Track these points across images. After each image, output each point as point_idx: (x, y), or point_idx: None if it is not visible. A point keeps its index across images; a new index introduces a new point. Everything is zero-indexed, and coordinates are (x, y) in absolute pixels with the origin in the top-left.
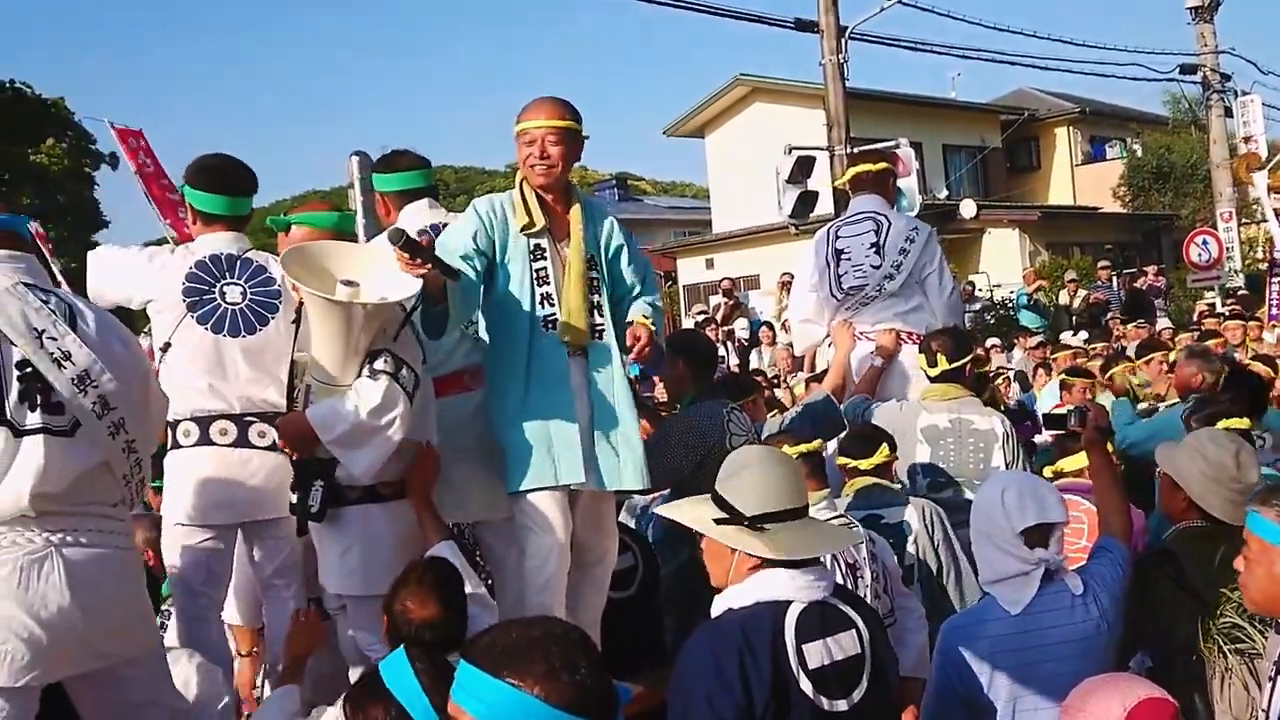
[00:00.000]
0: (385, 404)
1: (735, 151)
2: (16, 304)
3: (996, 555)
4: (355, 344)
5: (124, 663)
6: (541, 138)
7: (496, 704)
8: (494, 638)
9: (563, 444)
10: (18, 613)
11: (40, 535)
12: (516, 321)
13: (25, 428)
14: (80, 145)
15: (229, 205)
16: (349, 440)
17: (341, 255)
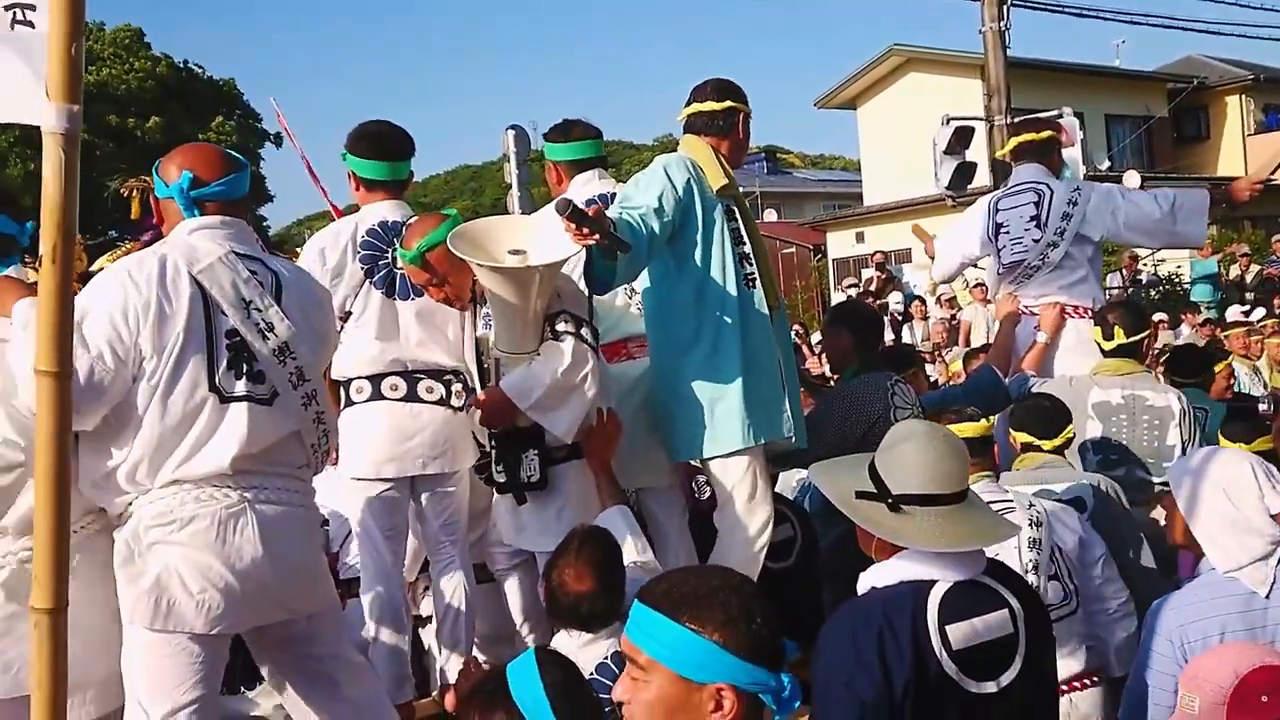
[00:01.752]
0: (575, 361)
1: (888, 123)
2: (228, 274)
3: (1242, 535)
4: (533, 309)
5: (306, 617)
6: (743, 119)
7: (675, 646)
8: (673, 583)
9: (776, 400)
10: (215, 563)
11: (236, 491)
12: (725, 281)
13: (231, 394)
14: (247, 124)
15: (389, 170)
16: (547, 403)
17: (502, 229)
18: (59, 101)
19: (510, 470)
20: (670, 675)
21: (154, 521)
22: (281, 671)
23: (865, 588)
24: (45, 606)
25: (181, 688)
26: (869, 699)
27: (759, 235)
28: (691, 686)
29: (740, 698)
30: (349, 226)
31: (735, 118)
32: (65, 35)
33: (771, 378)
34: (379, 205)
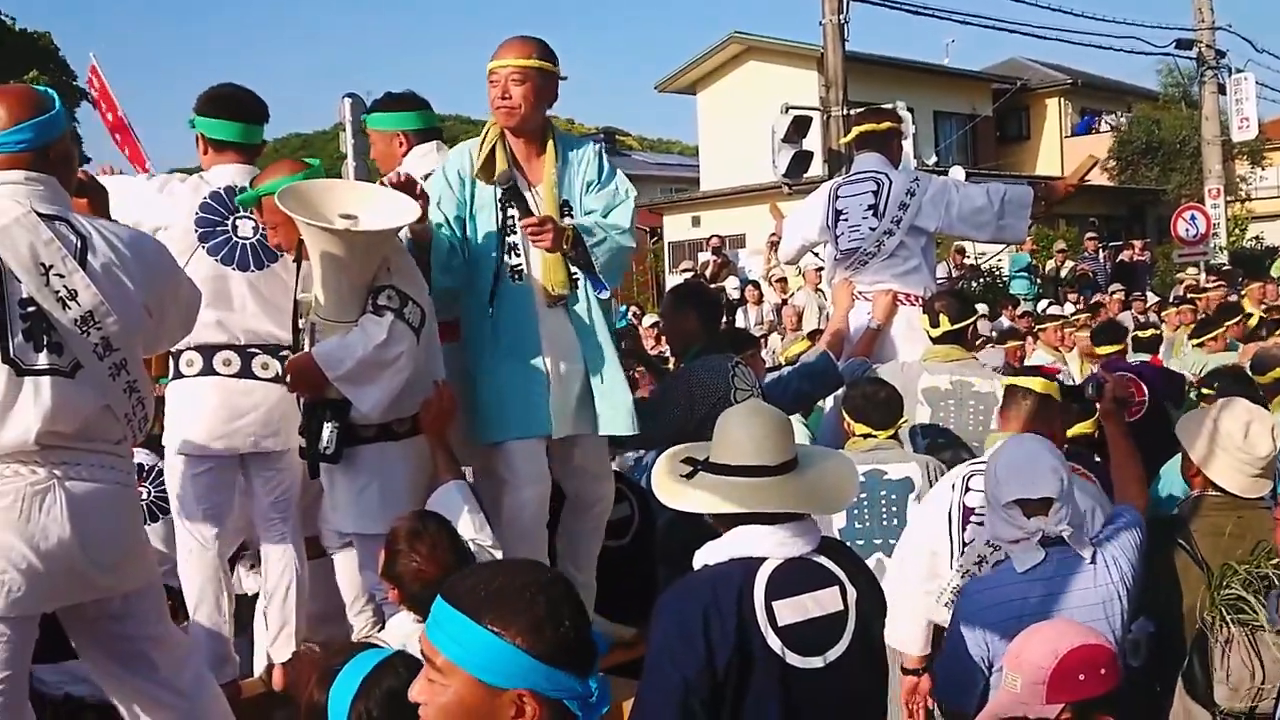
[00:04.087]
0: (391, 339)
1: (727, 109)
2: (26, 236)
3: (998, 521)
4: (357, 279)
5: (121, 596)
6: (505, 78)
7: (475, 649)
8: (478, 581)
9: (534, 395)
10: (17, 543)
11: (44, 468)
12: (484, 271)
13: (30, 367)
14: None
15: (240, 132)
16: (356, 377)
17: (338, 191)
18: None
19: (310, 440)
20: (469, 679)
21: None
22: (95, 652)
23: (699, 564)
24: None
25: None
26: (690, 675)
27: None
28: (492, 691)
29: (543, 704)
30: (191, 185)
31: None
32: None
33: (532, 372)
34: (226, 168)
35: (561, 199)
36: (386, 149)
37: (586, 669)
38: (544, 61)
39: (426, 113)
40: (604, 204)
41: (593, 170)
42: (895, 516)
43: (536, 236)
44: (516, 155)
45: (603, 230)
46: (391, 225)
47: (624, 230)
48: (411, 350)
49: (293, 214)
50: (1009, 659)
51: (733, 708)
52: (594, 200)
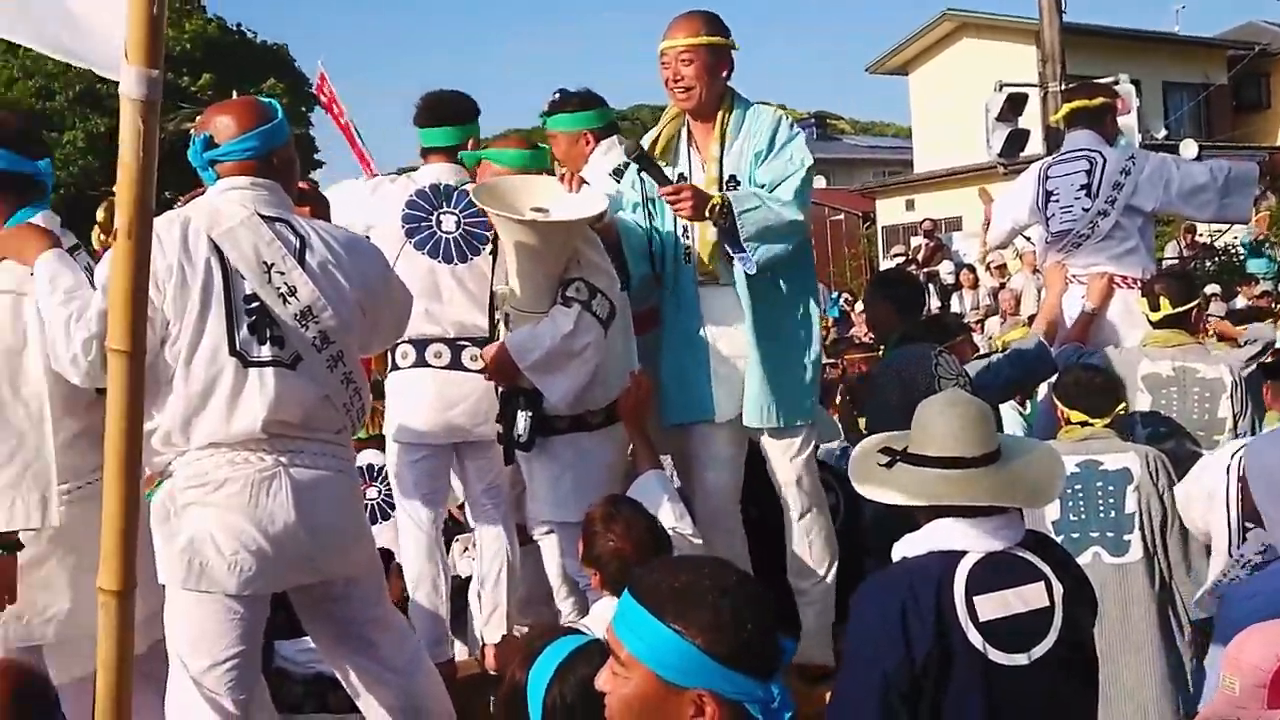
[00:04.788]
0: (578, 330)
1: (940, 89)
2: (250, 237)
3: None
4: (548, 270)
5: (343, 579)
6: (674, 59)
7: (656, 645)
8: (664, 576)
9: (696, 378)
10: (247, 526)
11: (270, 456)
12: (665, 254)
13: (254, 359)
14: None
15: (444, 135)
16: (544, 366)
17: (530, 187)
18: (138, 65)
19: (506, 426)
20: (650, 674)
21: (188, 483)
22: (318, 629)
23: (897, 557)
24: (113, 588)
25: (220, 644)
26: (889, 669)
27: None
28: (671, 688)
29: (723, 705)
30: (401, 184)
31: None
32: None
33: (694, 355)
34: (433, 167)
35: (727, 174)
36: (572, 149)
37: (769, 673)
38: (712, 37)
39: (604, 109)
40: (773, 176)
41: (764, 139)
42: (1113, 509)
43: (675, 204)
44: (694, 134)
45: (758, 199)
46: (579, 217)
47: (786, 202)
48: (598, 342)
49: (486, 207)
50: (1226, 661)
51: (932, 703)
52: (764, 173)
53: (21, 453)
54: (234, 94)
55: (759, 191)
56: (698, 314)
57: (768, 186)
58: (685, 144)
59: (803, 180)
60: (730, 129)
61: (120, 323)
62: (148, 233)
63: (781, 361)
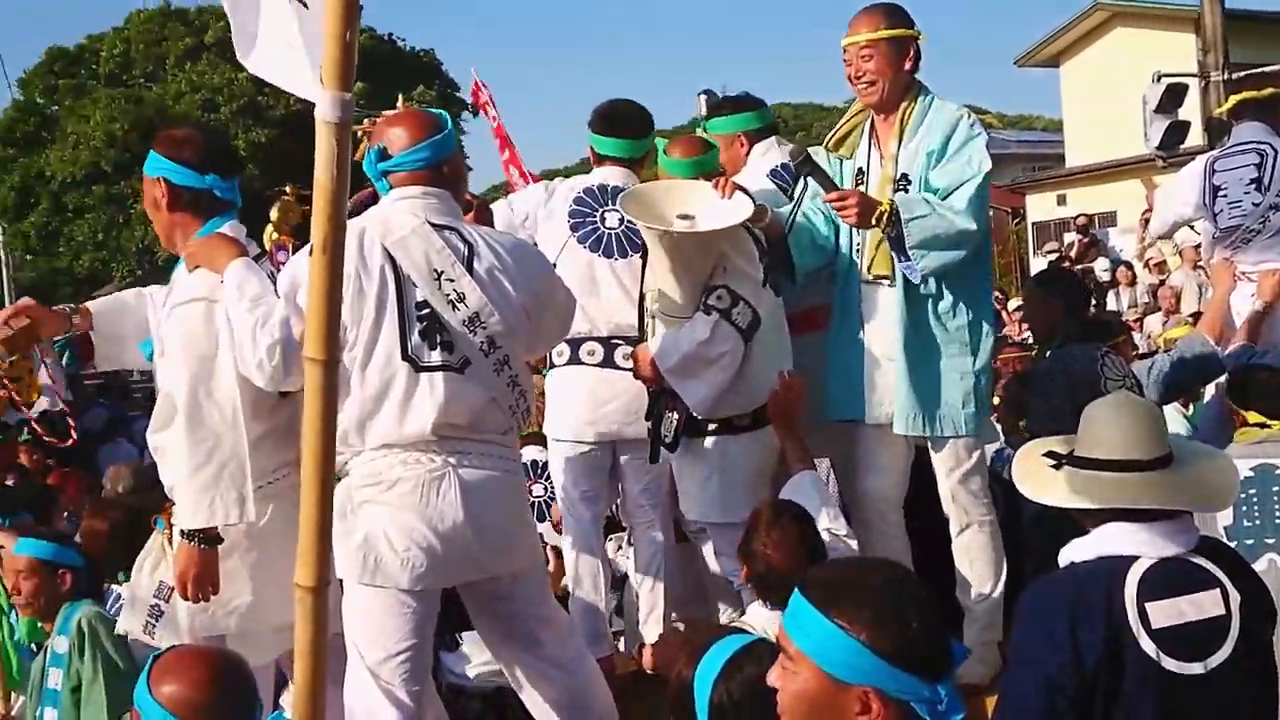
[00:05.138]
0: (714, 338)
1: (1092, 81)
2: (421, 245)
3: None
4: (692, 276)
5: (510, 577)
6: (855, 55)
7: (822, 641)
8: (832, 573)
9: (851, 377)
10: (418, 524)
11: (440, 457)
12: (840, 251)
13: (425, 364)
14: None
15: (620, 147)
16: (681, 371)
17: (679, 192)
18: (332, 89)
19: (654, 426)
20: (817, 670)
21: (363, 482)
22: (486, 624)
23: (1065, 562)
24: (309, 584)
25: (394, 637)
26: (1056, 677)
27: (881, 196)
28: (838, 685)
29: (888, 704)
30: (569, 183)
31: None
32: (341, 21)
33: (851, 354)
34: (604, 169)
35: (899, 173)
36: (729, 152)
37: (936, 673)
38: (893, 30)
39: (762, 111)
40: (949, 181)
41: (937, 138)
42: None
43: (841, 211)
44: (877, 129)
45: (928, 206)
46: (723, 225)
47: (959, 210)
48: (736, 351)
49: (633, 218)
50: None
51: (1103, 711)
52: (940, 176)
53: (218, 453)
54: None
55: (930, 198)
56: (860, 313)
57: (941, 191)
58: (867, 139)
59: (979, 187)
60: (910, 126)
61: (316, 332)
62: (341, 247)
63: (934, 369)
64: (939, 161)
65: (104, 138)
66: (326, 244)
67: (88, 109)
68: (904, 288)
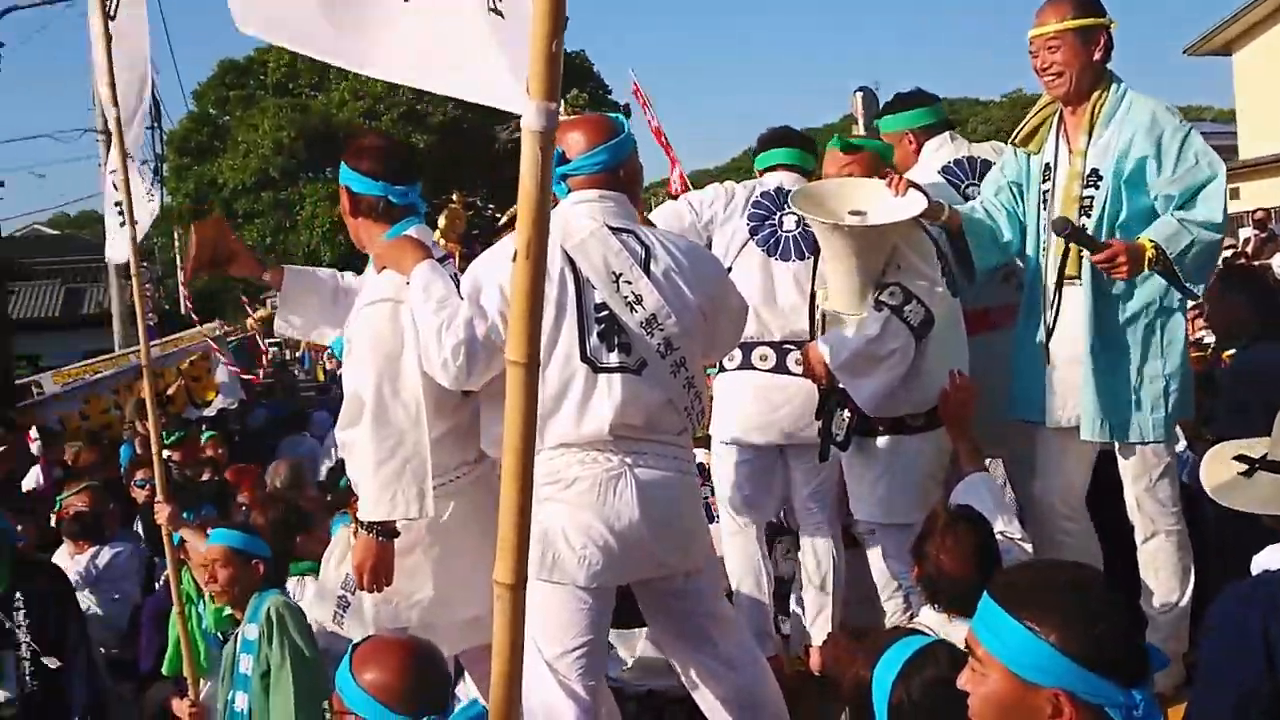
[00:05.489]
0: (884, 335)
1: (1269, 68)
2: (599, 248)
3: None
4: (864, 273)
5: (683, 575)
6: (1041, 47)
7: (1011, 643)
8: (1020, 575)
9: (1031, 377)
10: (596, 523)
11: (616, 456)
12: (1029, 248)
13: (604, 365)
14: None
15: (789, 155)
16: (851, 368)
17: (850, 190)
18: (538, 99)
19: (825, 424)
20: (1006, 673)
21: (542, 480)
22: (659, 623)
23: (1257, 569)
24: (508, 582)
25: (570, 633)
26: (1249, 686)
27: (1067, 192)
28: (1028, 687)
29: (1080, 708)
30: (745, 187)
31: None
32: (547, 33)
33: (1032, 354)
34: (778, 174)
35: (1088, 168)
36: (900, 150)
37: (1131, 678)
38: (1081, 19)
39: (933, 107)
40: (1184, 188)
41: (1137, 137)
42: None
43: (1111, 271)
44: (1065, 123)
45: (1189, 232)
46: (897, 219)
47: (1215, 224)
48: (906, 349)
49: (806, 214)
50: None
51: None
52: (1170, 184)
53: (401, 449)
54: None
55: (1185, 221)
56: (1047, 313)
57: (1178, 199)
58: (1055, 133)
59: (1223, 190)
60: (1101, 119)
61: (518, 336)
62: (543, 254)
63: (1123, 373)
64: (1159, 168)
65: (272, 145)
66: (530, 249)
67: (256, 118)
68: (1093, 289)
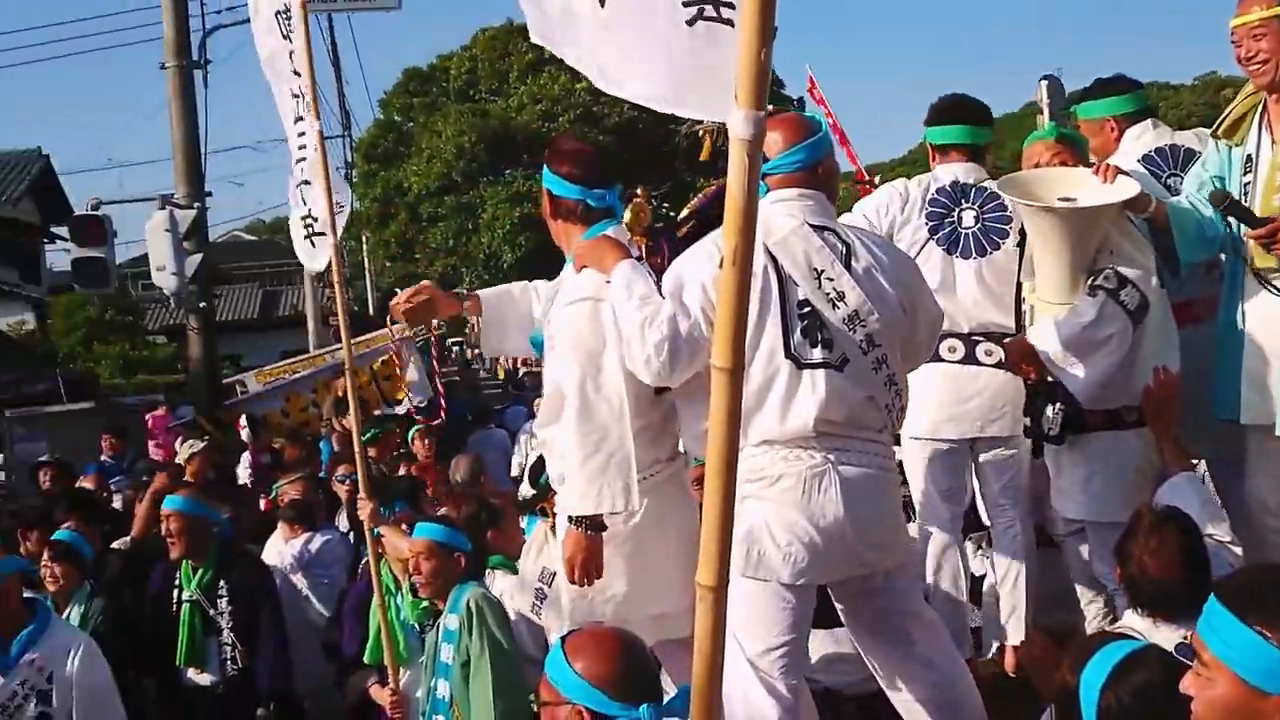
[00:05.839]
0: (1101, 319)
1: None
2: (801, 245)
3: None
4: (1074, 260)
5: (884, 573)
6: (1244, 35)
7: (1239, 648)
8: (1249, 579)
9: (1227, 373)
10: (800, 520)
11: (819, 453)
12: (1229, 242)
13: (807, 361)
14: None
15: (960, 134)
16: (1065, 356)
17: (1056, 178)
18: (747, 108)
19: (1034, 420)
20: (1233, 677)
21: (747, 477)
22: (858, 622)
23: None
24: (710, 584)
25: (774, 630)
26: None
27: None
28: (1256, 693)
29: None
30: (919, 183)
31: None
32: (756, 42)
33: (1229, 350)
34: (951, 166)
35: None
36: (1099, 137)
37: None
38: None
39: (1136, 94)
40: None
41: None
42: None
43: (1271, 248)
44: (1269, 112)
45: None
46: (1108, 201)
47: None
48: (1124, 334)
49: (1009, 197)
50: None
51: None
52: None
53: (606, 445)
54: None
55: None
56: (1245, 308)
57: None
58: (1258, 124)
59: None
60: None
61: (724, 342)
62: (750, 260)
63: None
64: None
65: (454, 150)
66: (737, 256)
67: (439, 124)
68: None
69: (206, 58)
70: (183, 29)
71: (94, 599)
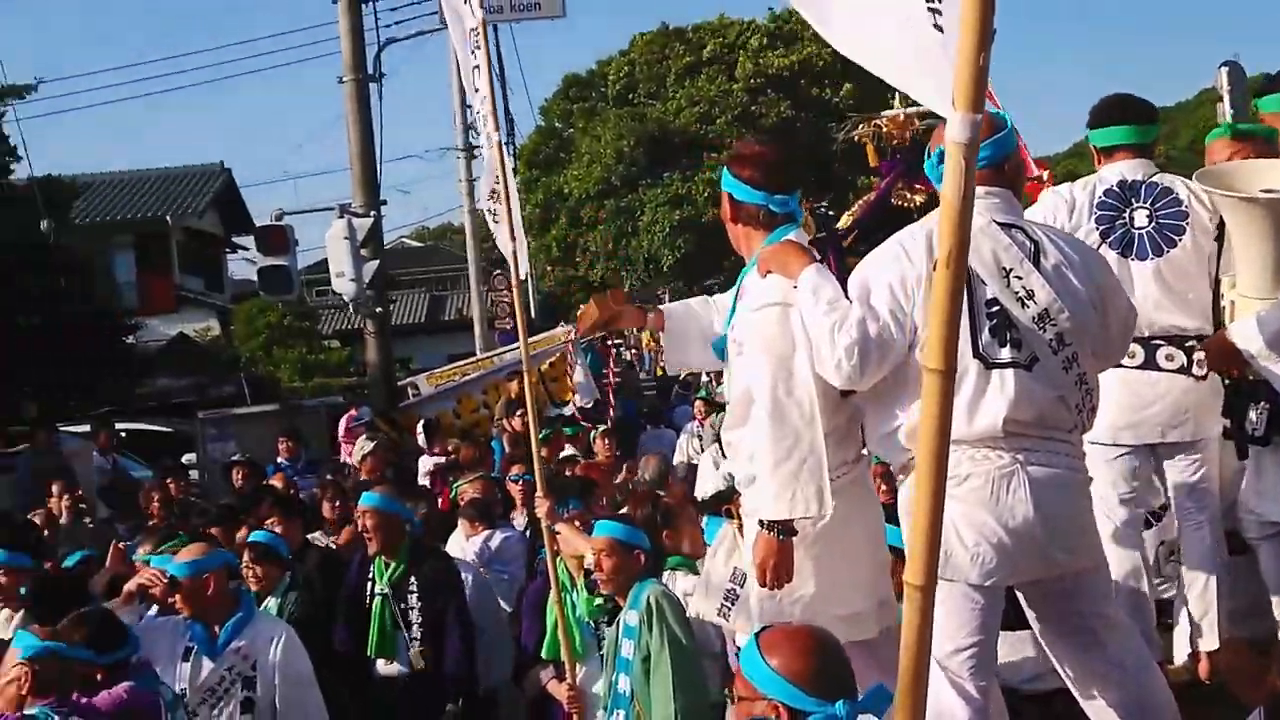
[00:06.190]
0: None
1: None
2: (989, 243)
3: None
4: (1277, 253)
5: (1072, 575)
6: None
7: None
8: None
9: None
10: (989, 520)
11: (1008, 454)
12: None
13: (996, 361)
14: None
15: (1126, 134)
16: (1268, 354)
17: (1257, 170)
18: (964, 111)
19: (1237, 420)
20: None
21: None
22: (1047, 624)
23: None
24: (919, 583)
25: (962, 631)
26: None
27: None
28: None
29: None
30: (1086, 185)
31: None
32: (975, 46)
33: None
34: (1118, 164)
35: None
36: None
37: None
38: None
39: None
40: None
41: None
42: None
43: None
44: None
45: None
46: None
47: None
48: None
49: (1208, 189)
50: None
51: None
52: None
53: (798, 449)
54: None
55: None
56: None
57: None
58: None
59: None
60: None
61: (937, 345)
62: (964, 263)
63: None
64: None
65: (613, 155)
66: (951, 259)
67: (598, 129)
68: None
69: (381, 71)
70: (358, 45)
71: (289, 591)
